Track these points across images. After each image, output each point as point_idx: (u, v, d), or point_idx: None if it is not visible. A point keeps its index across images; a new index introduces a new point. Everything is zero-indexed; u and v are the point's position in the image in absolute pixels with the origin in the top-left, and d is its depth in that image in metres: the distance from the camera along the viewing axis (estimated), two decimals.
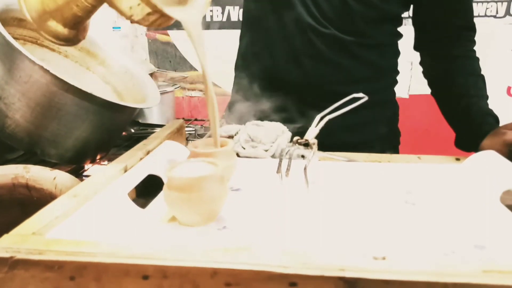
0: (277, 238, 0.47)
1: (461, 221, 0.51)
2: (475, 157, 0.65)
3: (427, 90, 0.93)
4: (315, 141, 0.58)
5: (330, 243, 0.46)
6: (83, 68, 1.22)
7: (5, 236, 0.38)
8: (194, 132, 1.23)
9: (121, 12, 0.48)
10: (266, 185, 0.60)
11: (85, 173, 1.02)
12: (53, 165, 0.98)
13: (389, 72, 0.97)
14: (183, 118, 1.45)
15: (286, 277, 0.33)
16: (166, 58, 1.75)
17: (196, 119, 1.37)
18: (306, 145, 0.59)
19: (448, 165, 0.68)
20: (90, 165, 1.04)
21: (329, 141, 0.73)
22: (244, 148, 0.67)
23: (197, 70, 1.78)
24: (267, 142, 0.67)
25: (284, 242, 0.46)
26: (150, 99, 1.13)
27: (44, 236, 0.39)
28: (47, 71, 0.86)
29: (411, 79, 1.56)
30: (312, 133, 0.59)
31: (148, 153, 0.62)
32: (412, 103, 1.72)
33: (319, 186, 0.59)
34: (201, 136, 1.24)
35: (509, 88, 1.66)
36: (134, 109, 1.11)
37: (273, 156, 0.67)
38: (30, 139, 0.94)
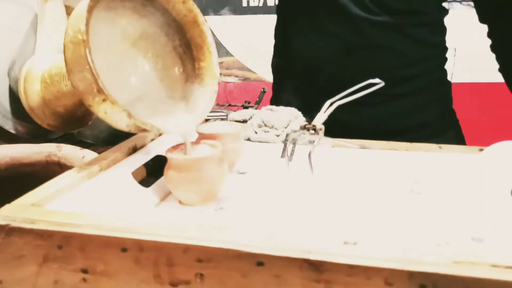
0: (264, 220, 0.47)
1: (464, 212, 0.49)
2: (495, 147, 0.62)
3: (471, 78, 0.91)
4: (322, 126, 0.57)
5: (310, 227, 0.46)
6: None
7: (7, 205, 0.41)
8: (225, 117, 1.25)
9: (120, 129, 0.53)
10: (272, 170, 0.60)
11: None
12: (89, 146, 1.03)
13: (440, 49, 0.97)
14: (217, 103, 1.47)
15: (254, 256, 0.33)
16: None
17: (230, 105, 1.39)
18: (314, 130, 0.58)
19: (467, 155, 0.65)
20: None
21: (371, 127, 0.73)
22: (256, 133, 0.67)
23: (233, 56, 1.80)
24: (279, 127, 0.67)
25: (267, 224, 0.46)
26: None
27: (43, 207, 0.42)
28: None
29: (454, 66, 1.50)
30: (320, 118, 0.58)
31: (160, 134, 0.63)
32: (455, 91, 1.65)
33: (326, 172, 0.59)
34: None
35: None
36: None
37: (283, 141, 0.67)
38: None
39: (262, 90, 1.36)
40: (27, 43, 0.99)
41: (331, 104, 0.60)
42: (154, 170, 0.58)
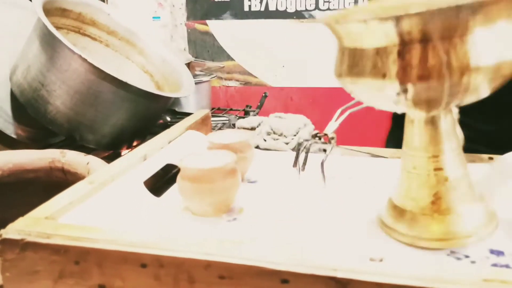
0: (284, 233, 0.46)
1: None
2: (507, 156, 0.62)
3: None
4: (334, 135, 0.56)
5: (333, 242, 0.45)
6: (123, 57, 1.25)
7: (20, 219, 0.40)
8: (228, 121, 1.24)
9: None
10: (283, 179, 0.59)
11: None
12: (91, 151, 1.02)
13: None
14: (218, 108, 1.46)
15: (278, 274, 0.32)
16: (204, 48, 1.76)
17: (231, 109, 1.38)
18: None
19: (478, 164, 0.65)
20: (127, 151, 1.07)
21: None
22: (265, 140, 0.67)
23: (234, 60, 1.79)
24: (288, 135, 0.66)
25: (291, 238, 0.45)
26: (185, 89, 1.14)
27: (57, 220, 0.41)
28: (85, 60, 0.89)
29: None
30: (331, 127, 0.58)
31: (169, 142, 0.62)
32: None
33: (337, 181, 0.58)
34: (235, 125, 1.25)
35: None
36: (169, 98, 1.13)
37: (293, 149, 0.66)
38: (70, 125, 0.98)
39: (263, 94, 1.35)
40: (29, 48, 0.98)
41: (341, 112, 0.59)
42: (165, 179, 0.57)
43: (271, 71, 1.74)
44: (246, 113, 1.39)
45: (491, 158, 0.68)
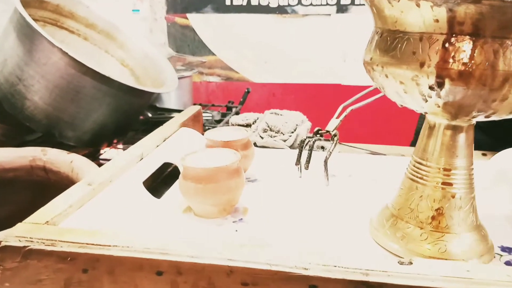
0: (293, 234, 0.45)
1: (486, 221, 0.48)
2: (504, 153, 0.62)
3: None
4: (337, 132, 0.55)
5: (350, 242, 0.44)
6: (102, 51, 1.21)
7: (19, 224, 0.37)
8: (211, 117, 1.21)
9: None
10: (284, 177, 0.58)
11: (101, 157, 1.01)
12: (70, 148, 0.98)
13: None
14: (200, 104, 1.43)
15: (306, 279, 0.31)
16: (184, 42, 1.72)
17: (213, 105, 1.35)
18: (327, 136, 0.56)
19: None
20: (107, 148, 1.03)
21: None
22: (262, 138, 0.65)
23: (215, 55, 1.75)
24: (286, 132, 0.65)
25: (301, 239, 0.44)
26: (168, 84, 1.11)
27: (58, 225, 0.38)
28: (65, 53, 0.85)
29: None
30: (333, 124, 0.57)
31: (164, 140, 0.60)
32: None
33: (338, 179, 0.57)
34: (218, 122, 1.23)
35: None
36: (152, 93, 1.10)
37: (291, 147, 0.65)
38: (49, 121, 0.94)
39: (246, 90, 1.33)
40: (5, 40, 0.93)
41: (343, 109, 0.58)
42: (163, 178, 0.55)
43: (253, 67, 1.71)
44: (229, 109, 1.37)
45: (484, 154, 0.68)
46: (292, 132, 0.64)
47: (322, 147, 0.58)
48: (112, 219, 0.43)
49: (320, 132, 0.57)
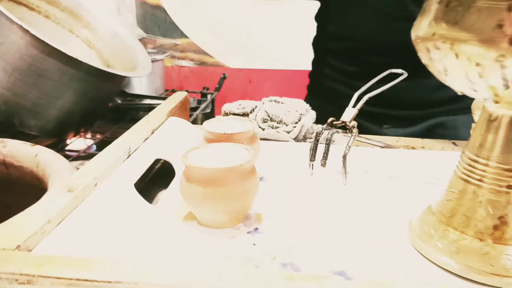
0: (324, 246, 0.37)
1: None
2: None
3: None
4: (355, 123, 0.48)
5: (394, 255, 0.36)
6: (66, 31, 1.08)
7: None
8: None
9: None
10: (294, 175, 0.50)
11: (68, 148, 0.89)
12: (32, 138, 0.86)
13: None
14: (173, 90, 1.32)
15: None
16: (155, 23, 1.58)
17: (187, 91, 1.25)
18: (343, 127, 0.49)
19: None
20: (74, 138, 0.92)
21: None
22: (262, 129, 0.56)
23: (188, 38, 1.63)
24: (289, 122, 0.56)
25: (336, 253, 0.36)
26: (141, 68, 1.00)
27: (34, 250, 0.28)
28: (26, 32, 0.74)
29: None
30: (349, 114, 0.49)
31: (152, 132, 0.50)
32: None
33: (354, 176, 0.50)
34: (193, 109, 1.13)
35: None
36: (123, 77, 0.99)
37: (296, 139, 0.57)
38: (7, 107, 0.82)
39: (222, 76, 1.24)
40: None
41: (359, 98, 0.50)
42: (155, 178, 0.46)
43: (229, 51, 1.60)
44: (203, 96, 1.27)
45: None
46: (296, 123, 0.56)
47: (327, 140, 0.50)
48: (104, 235, 0.33)
49: (334, 123, 0.49)
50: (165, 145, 0.48)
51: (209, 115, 1.23)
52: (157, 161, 0.48)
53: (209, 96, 1.26)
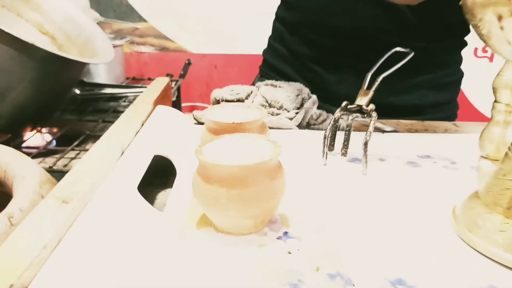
0: (372, 249, 0.31)
1: None
2: None
3: None
4: (373, 106, 0.42)
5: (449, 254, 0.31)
6: (13, 15, 0.95)
7: None
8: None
9: None
10: (307, 166, 0.44)
11: (25, 144, 0.79)
12: None
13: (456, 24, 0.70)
14: (134, 77, 1.22)
15: None
16: (109, 7, 1.43)
17: (149, 78, 1.16)
18: (360, 111, 0.43)
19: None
20: (30, 133, 0.81)
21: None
22: None
23: (146, 22, 1.50)
24: (291, 108, 0.50)
25: (389, 256, 0.31)
26: (102, 54, 0.90)
27: None
28: None
29: None
30: (364, 97, 0.43)
31: (142, 124, 0.43)
32: None
33: (370, 165, 0.44)
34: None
35: (475, 49, 1.62)
36: (83, 65, 0.89)
37: (299, 126, 0.51)
38: None
39: (186, 61, 1.15)
40: None
41: (372, 79, 0.45)
42: (149, 176, 0.38)
43: (192, 36, 1.49)
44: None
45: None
46: (299, 108, 0.50)
47: (347, 126, 0.45)
48: (111, 254, 0.26)
49: (349, 107, 0.43)
50: (161, 139, 0.41)
51: (176, 104, 1.14)
52: (161, 159, 0.40)
53: (174, 84, 1.17)
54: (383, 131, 0.53)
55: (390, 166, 0.45)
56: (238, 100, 0.51)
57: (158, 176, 0.41)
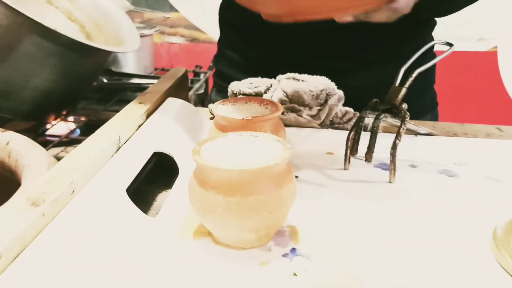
0: (396, 276, 0.26)
1: None
2: None
3: None
4: (405, 105, 0.37)
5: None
6: (43, 1, 0.95)
7: None
8: None
9: None
10: (326, 171, 0.39)
11: (48, 132, 0.78)
12: (6, 121, 0.75)
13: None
14: (162, 68, 1.19)
15: None
16: None
17: None
18: (389, 111, 0.38)
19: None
20: (54, 121, 0.80)
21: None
22: (281, 113, 0.45)
23: (178, 12, 1.46)
24: (313, 105, 0.45)
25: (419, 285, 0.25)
26: (128, 42, 0.88)
27: None
28: None
29: None
30: (395, 93, 0.38)
31: (147, 116, 0.39)
32: None
33: (399, 173, 0.39)
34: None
35: None
36: (108, 53, 0.87)
37: (322, 125, 0.46)
38: None
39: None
40: None
41: (405, 75, 0.39)
42: (152, 175, 0.34)
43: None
44: (196, 75, 1.15)
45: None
46: (322, 105, 0.45)
47: (374, 127, 0.39)
48: (84, 267, 0.22)
49: (379, 107, 0.38)
50: (165, 135, 0.37)
51: (203, 96, 1.11)
52: (161, 156, 0.36)
53: (202, 76, 1.14)
54: (417, 134, 0.47)
55: (422, 174, 0.39)
56: (257, 94, 0.46)
57: (162, 174, 0.37)
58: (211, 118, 0.49)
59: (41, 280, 0.20)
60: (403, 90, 0.38)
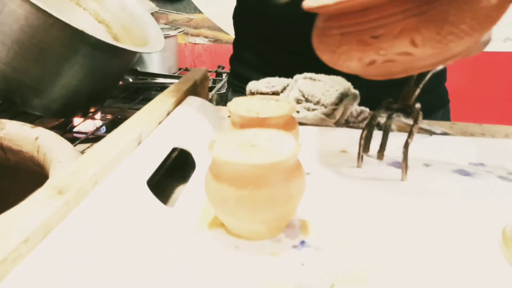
0: (402, 270, 0.27)
1: None
2: None
3: None
4: (419, 105, 0.37)
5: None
6: (72, 3, 0.98)
7: None
8: None
9: None
10: (339, 168, 0.39)
11: (76, 129, 0.80)
12: (36, 118, 0.78)
13: None
14: (186, 68, 1.21)
15: None
16: None
17: None
18: (403, 110, 0.38)
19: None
20: (82, 119, 0.82)
21: None
22: (297, 112, 0.46)
23: (202, 13, 1.49)
24: (328, 104, 0.46)
25: (426, 281, 0.26)
26: (153, 43, 0.90)
27: (1, 284, 0.19)
28: (26, 0, 0.64)
29: None
30: (408, 93, 0.38)
31: (168, 114, 0.40)
32: None
33: (412, 171, 0.39)
34: (208, 89, 1.02)
35: None
36: (134, 53, 0.89)
37: (337, 123, 0.47)
38: (7, 85, 0.73)
39: None
40: None
41: (419, 75, 0.40)
42: (172, 169, 0.36)
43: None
44: (218, 75, 1.17)
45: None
46: (337, 104, 0.46)
47: (386, 126, 0.40)
48: (106, 253, 0.24)
49: (392, 106, 0.39)
50: (184, 131, 0.38)
51: (225, 96, 1.13)
52: (174, 148, 0.38)
53: (224, 76, 1.16)
54: (431, 133, 0.47)
55: (436, 173, 0.39)
56: (274, 93, 0.47)
57: (181, 168, 0.39)
58: (229, 116, 0.50)
59: (63, 263, 0.22)
60: (417, 90, 0.38)
